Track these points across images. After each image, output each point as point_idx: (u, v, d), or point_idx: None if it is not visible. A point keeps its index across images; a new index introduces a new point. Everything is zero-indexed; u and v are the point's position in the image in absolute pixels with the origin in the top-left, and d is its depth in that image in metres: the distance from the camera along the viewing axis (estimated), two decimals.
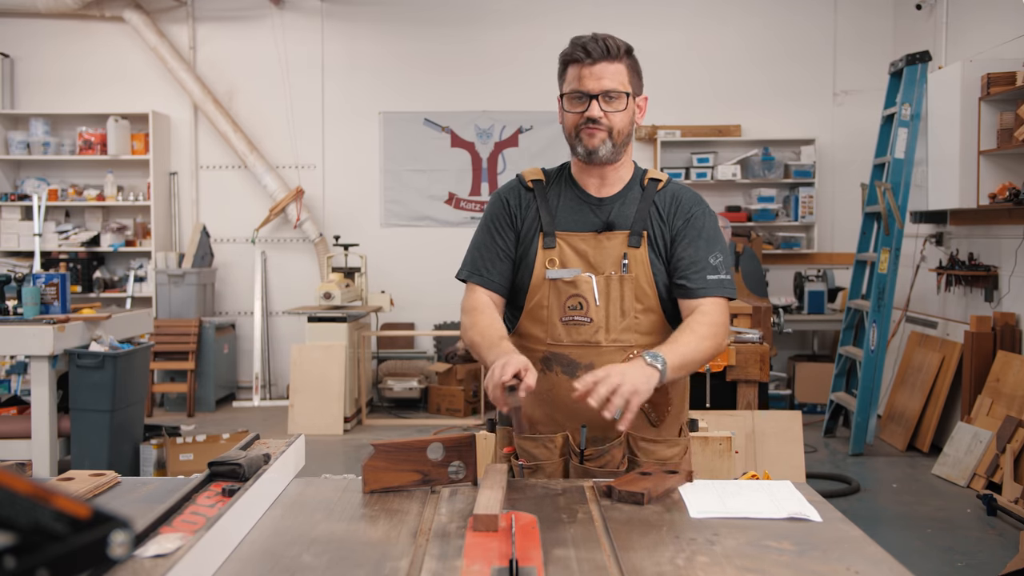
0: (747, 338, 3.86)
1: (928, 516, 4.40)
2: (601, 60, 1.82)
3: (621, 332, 1.87)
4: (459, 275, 1.99)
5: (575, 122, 1.86)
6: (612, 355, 1.86)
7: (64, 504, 0.76)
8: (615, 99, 1.84)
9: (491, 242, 1.95)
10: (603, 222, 1.90)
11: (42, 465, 4.28)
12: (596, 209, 1.91)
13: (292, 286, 7.53)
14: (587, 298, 1.86)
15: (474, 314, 1.90)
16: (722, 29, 7.38)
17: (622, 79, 1.84)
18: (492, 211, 1.98)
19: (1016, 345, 5.12)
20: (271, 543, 1.37)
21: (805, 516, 1.49)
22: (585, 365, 1.86)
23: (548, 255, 1.89)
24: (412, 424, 6.67)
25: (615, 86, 1.83)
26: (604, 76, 1.82)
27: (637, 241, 1.88)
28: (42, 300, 4.47)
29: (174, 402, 7.09)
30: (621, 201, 1.92)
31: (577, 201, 1.93)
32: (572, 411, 1.86)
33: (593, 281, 1.87)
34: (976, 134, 5.25)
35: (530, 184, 1.96)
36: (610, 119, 1.84)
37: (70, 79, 7.50)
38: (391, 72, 7.51)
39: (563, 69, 1.89)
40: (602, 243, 1.88)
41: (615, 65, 1.83)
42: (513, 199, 1.96)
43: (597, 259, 1.88)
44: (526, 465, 1.88)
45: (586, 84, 1.83)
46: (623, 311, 1.87)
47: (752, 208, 7.24)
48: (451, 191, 7.55)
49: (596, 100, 1.82)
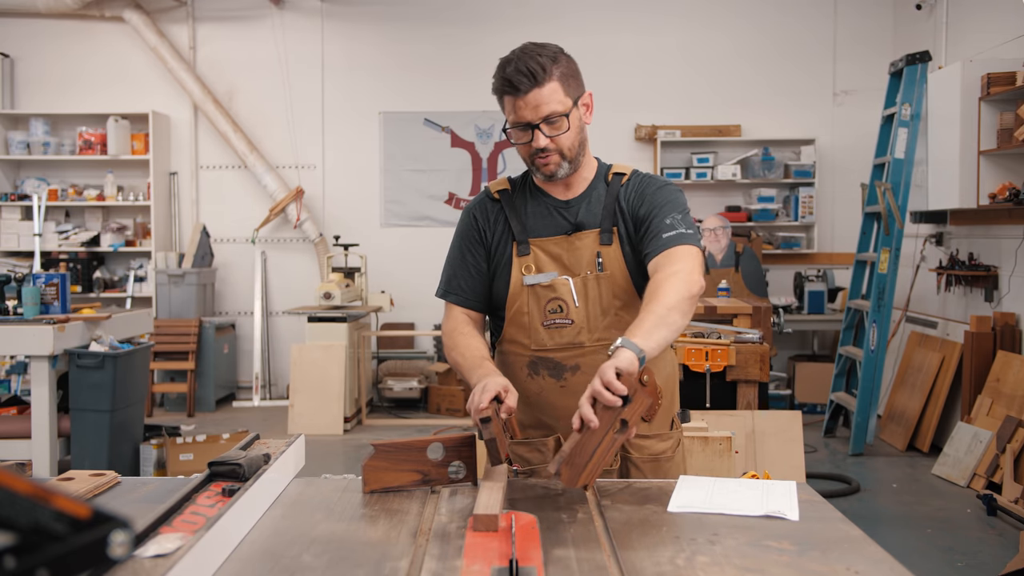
0: (747, 338, 3.86)
1: (928, 516, 4.40)
2: (531, 89, 1.77)
3: (603, 331, 1.87)
4: (437, 293, 2.01)
5: (527, 152, 1.85)
6: (596, 354, 1.86)
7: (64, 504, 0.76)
8: (556, 121, 1.80)
9: (462, 260, 1.97)
10: (572, 224, 1.90)
11: (42, 465, 4.28)
12: (564, 211, 1.92)
13: (292, 286, 7.53)
14: (566, 300, 1.87)
15: (455, 335, 1.92)
16: (722, 29, 7.38)
17: (558, 98, 1.78)
18: (461, 228, 2.00)
19: (1016, 345, 5.12)
20: (271, 543, 1.37)
21: (783, 515, 1.49)
22: (571, 367, 1.87)
23: (523, 262, 1.90)
24: (412, 424, 6.67)
25: (552, 109, 1.78)
26: (539, 103, 1.77)
27: (608, 239, 1.88)
28: (42, 300, 4.47)
29: (174, 402, 7.09)
30: (587, 201, 1.92)
31: (544, 206, 1.93)
32: (561, 413, 1.87)
33: (570, 283, 1.87)
34: (976, 134, 5.25)
35: (496, 196, 1.97)
36: (557, 142, 1.82)
37: (70, 79, 7.50)
38: (391, 72, 7.51)
39: (499, 98, 1.85)
40: (574, 244, 1.89)
41: (546, 88, 1.77)
42: (480, 214, 1.97)
43: (571, 261, 1.88)
44: (520, 470, 1.88)
45: (524, 115, 1.79)
46: (603, 309, 1.87)
47: (752, 208, 7.24)
48: (451, 191, 7.55)
49: (538, 129, 1.79)
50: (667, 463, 1.91)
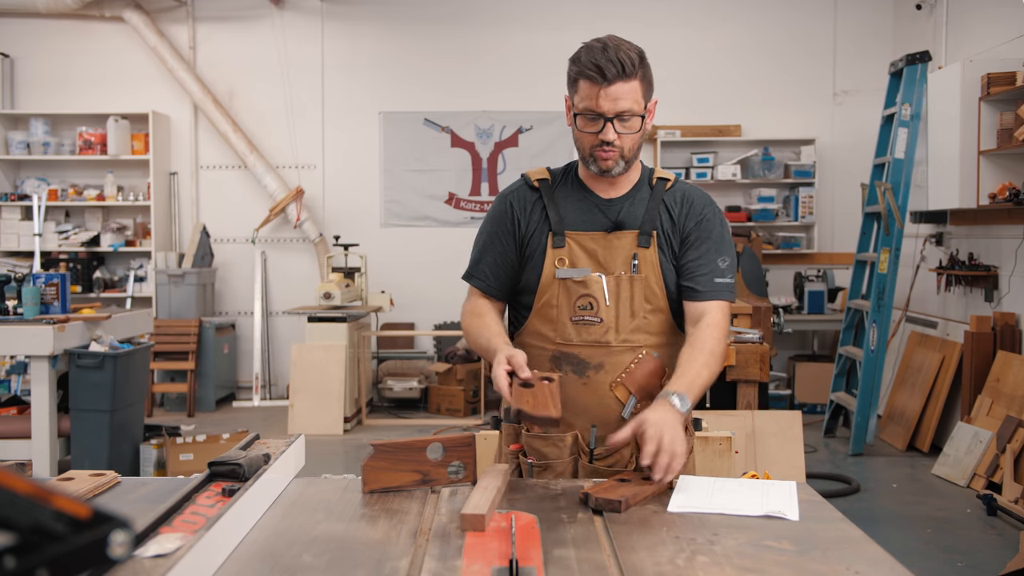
0: (747, 338, 3.86)
1: (928, 516, 4.40)
2: (616, 81, 1.75)
3: (631, 332, 1.86)
4: (463, 275, 2.01)
5: (590, 142, 1.82)
6: (621, 355, 1.86)
7: (64, 504, 0.75)
8: (629, 120, 1.80)
9: (491, 246, 1.96)
10: (612, 222, 1.89)
11: (42, 465, 4.28)
12: (605, 209, 1.91)
13: (292, 286, 7.53)
14: (597, 298, 1.86)
15: (471, 317, 1.94)
16: (722, 29, 7.38)
17: (636, 97, 1.78)
18: (495, 213, 1.98)
19: (1016, 345, 5.12)
20: (271, 543, 1.37)
21: (783, 515, 1.49)
22: (595, 365, 1.87)
23: (557, 254, 1.89)
24: (412, 424, 6.67)
25: (630, 106, 1.78)
26: (620, 97, 1.76)
27: (647, 241, 1.87)
28: (42, 300, 4.47)
29: (174, 402, 7.09)
30: (630, 201, 1.91)
31: (585, 201, 1.92)
32: (581, 410, 1.87)
33: (603, 281, 1.86)
34: (976, 134, 5.25)
35: (536, 184, 1.95)
36: (623, 140, 1.81)
37: (70, 79, 7.50)
38: (391, 72, 7.50)
39: (574, 79, 1.81)
40: (612, 243, 1.88)
41: (630, 84, 1.77)
42: (517, 202, 1.95)
43: (607, 259, 1.87)
44: (535, 463, 1.88)
45: (601, 106, 1.77)
46: (633, 311, 1.87)
47: (752, 208, 7.24)
48: (451, 191, 7.55)
49: (611, 123, 1.78)
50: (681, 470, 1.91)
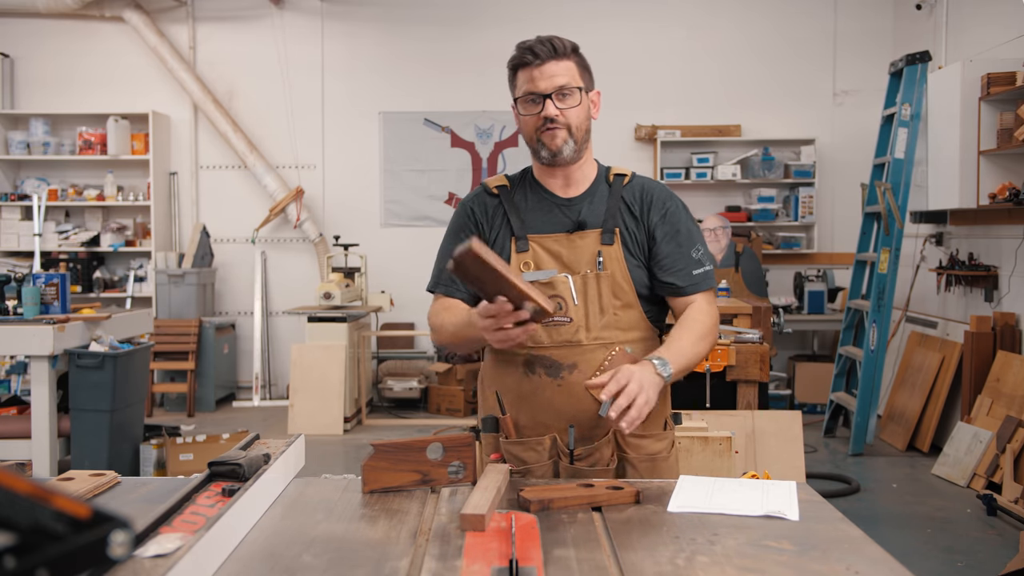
0: (747, 338, 3.85)
1: (928, 516, 4.40)
2: (549, 59, 1.83)
3: (602, 330, 1.87)
4: (428, 287, 2.01)
5: (534, 125, 1.87)
6: (594, 353, 1.87)
7: (64, 504, 0.75)
8: (568, 95, 1.85)
9: None
10: (573, 222, 1.91)
11: (42, 465, 4.28)
12: (565, 209, 1.92)
13: (292, 286, 7.53)
14: (565, 297, 1.87)
15: (441, 313, 1.93)
16: (722, 29, 7.38)
17: (572, 75, 1.85)
18: (457, 222, 1.99)
19: (1016, 345, 5.12)
20: (271, 543, 1.37)
21: (783, 515, 1.49)
22: (568, 365, 1.87)
23: (522, 258, 1.90)
24: (412, 424, 6.67)
25: (567, 81, 1.84)
26: (555, 74, 1.83)
27: (610, 239, 1.89)
28: (42, 300, 4.47)
29: (174, 402, 7.09)
30: (589, 200, 1.93)
31: (545, 203, 1.94)
32: (558, 412, 1.87)
33: (570, 281, 1.88)
34: (976, 134, 5.25)
35: (495, 190, 1.97)
36: (567, 116, 1.85)
37: (70, 79, 7.50)
38: (391, 72, 7.51)
39: (513, 75, 1.90)
40: (575, 243, 1.89)
41: (564, 62, 1.85)
42: (478, 208, 1.97)
43: (571, 259, 1.89)
44: (515, 470, 1.87)
45: (538, 85, 1.84)
46: (602, 308, 1.88)
47: (752, 208, 7.24)
48: (451, 191, 7.55)
49: (550, 99, 1.84)
50: (663, 463, 1.91)
